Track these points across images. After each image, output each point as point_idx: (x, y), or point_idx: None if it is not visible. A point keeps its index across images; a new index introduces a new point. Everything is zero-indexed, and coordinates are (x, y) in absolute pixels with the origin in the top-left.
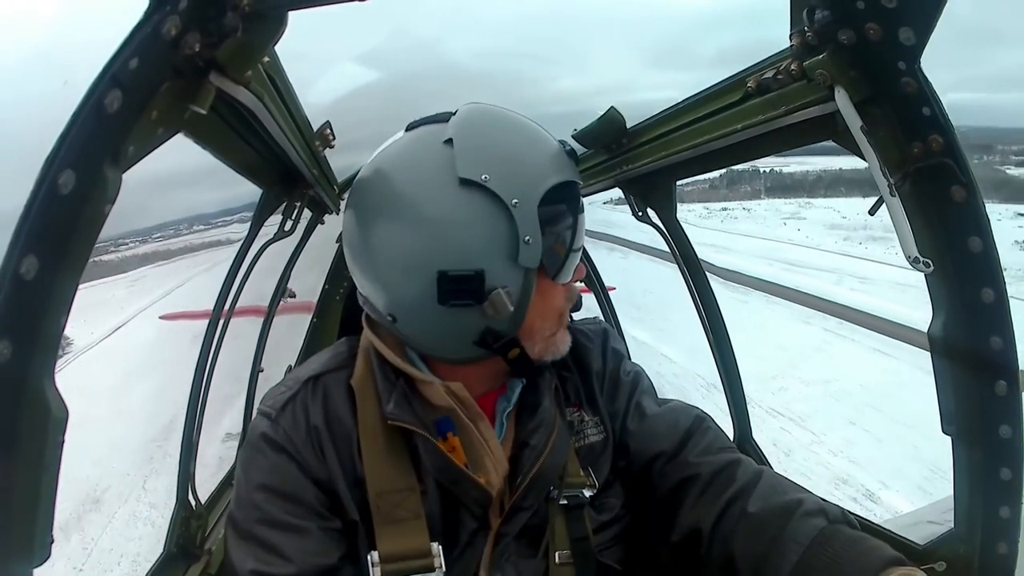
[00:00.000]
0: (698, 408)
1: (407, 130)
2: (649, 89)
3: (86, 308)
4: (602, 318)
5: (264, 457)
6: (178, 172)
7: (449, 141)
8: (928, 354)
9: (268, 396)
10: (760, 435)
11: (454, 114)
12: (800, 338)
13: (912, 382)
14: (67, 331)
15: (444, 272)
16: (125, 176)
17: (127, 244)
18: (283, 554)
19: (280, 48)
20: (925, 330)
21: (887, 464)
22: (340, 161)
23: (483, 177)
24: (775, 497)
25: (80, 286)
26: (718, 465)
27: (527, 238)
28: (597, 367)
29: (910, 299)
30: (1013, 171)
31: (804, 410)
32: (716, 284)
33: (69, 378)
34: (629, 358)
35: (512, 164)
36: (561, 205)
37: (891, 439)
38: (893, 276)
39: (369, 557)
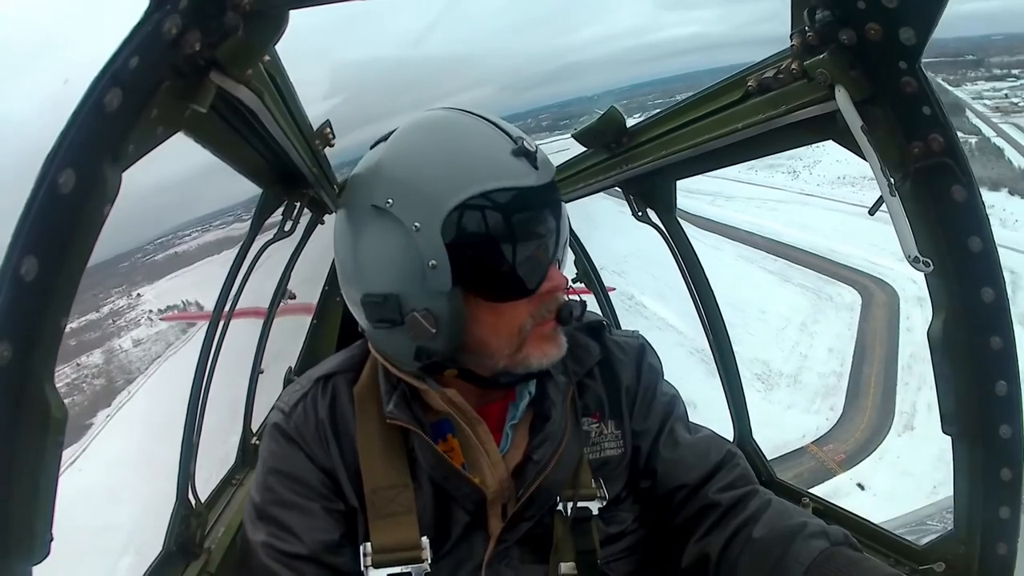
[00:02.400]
0: (730, 443)
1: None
2: (667, 28)
3: (204, 282)
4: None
5: (277, 445)
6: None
7: (378, 164)
8: (719, 236)
9: (285, 394)
10: None
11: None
12: (656, 237)
13: (701, 254)
14: (199, 298)
15: (365, 295)
16: (169, 169)
17: (189, 234)
18: (292, 531)
19: (280, 47)
20: (735, 225)
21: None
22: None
23: (387, 202)
24: (780, 522)
25: (183, 269)
26: (735, 498)
27: (431, 263)
28: (628, 382)
29: (749, 208)
30: (962, 90)
31: (629, 270)
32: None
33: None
34: (663, 376)
35: (415, 184)
36: (488, 220)
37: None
38: (751, 193)
39: (362, 548)
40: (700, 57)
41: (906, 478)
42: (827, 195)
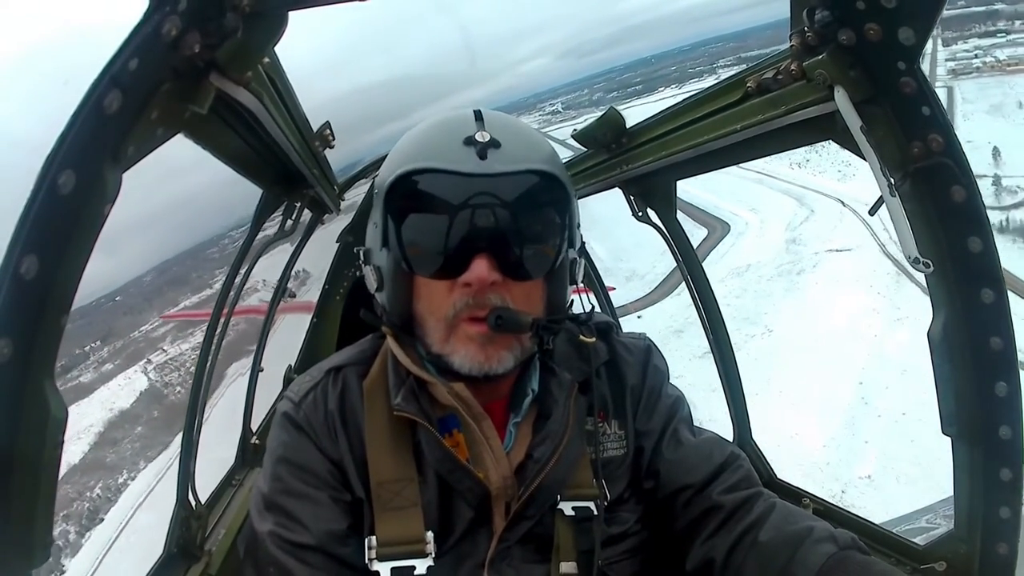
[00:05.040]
0: (733, 444)
1: None
2: None
3: (303, 256)
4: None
5: (286, 434)
6: None
7: None
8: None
9: (295, 383)
10: None
11: None
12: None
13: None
14: (305, 267)
15: (362, 246)
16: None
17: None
18: (299, 520)
19: (280, 48)
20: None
21: None
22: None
23: (375, 177)
24: (786, 527)
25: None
26: (739, 500)
27: (375, 222)
28: (633, 382)
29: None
30: (948, 50)
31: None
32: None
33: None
34: (669, 378)
35: (389, 160)
36: (416, 193)
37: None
38: None
39: (367, 541)
40: (755, 12)
41: (663, 314)
42: (743, 165)
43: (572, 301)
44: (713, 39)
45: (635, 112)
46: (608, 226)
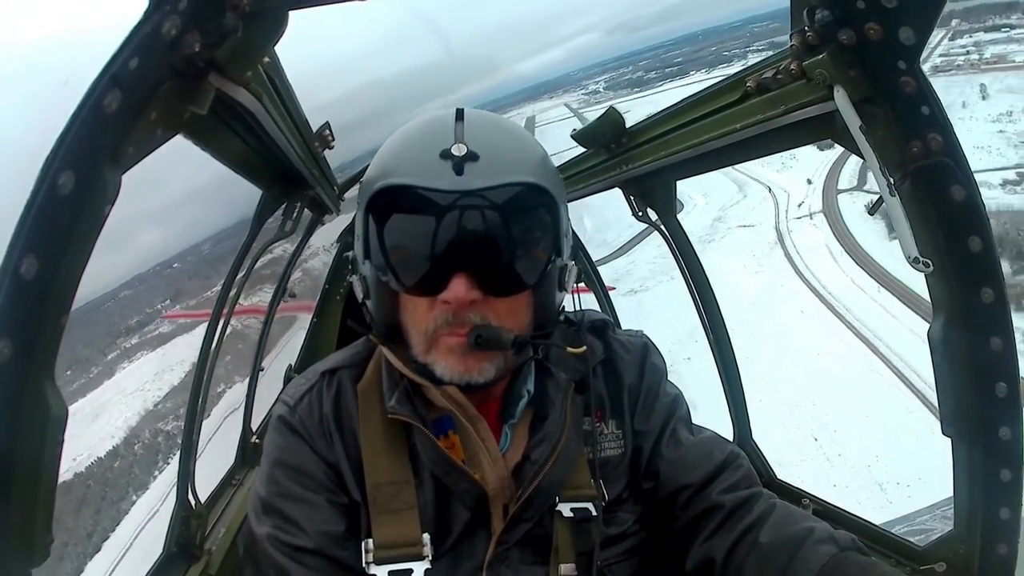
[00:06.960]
0: (733, 444)
1: None
2: None
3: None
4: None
5: (282, 437)
6: None
7: None
8: None
9: (290, 387)
10: None
11: None
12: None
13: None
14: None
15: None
16: None
17: None
18: (297, 524)
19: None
20: None
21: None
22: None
23: (361, 181)
24: (786, 527)
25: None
26: (739, 500)
27: (358, 235)
28: (630, 380)
29: None
30: (951, 43)
31: None
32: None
33: None
34: (667, 376)
35: (372, 164)
36: (394, 209)
37: None
38: None
39: (364, 544)
40: None
41: (608, 268)
42: None
43: (563, 304)
44: (761, 16)
45: (668, 97)
46: (600, 205)
